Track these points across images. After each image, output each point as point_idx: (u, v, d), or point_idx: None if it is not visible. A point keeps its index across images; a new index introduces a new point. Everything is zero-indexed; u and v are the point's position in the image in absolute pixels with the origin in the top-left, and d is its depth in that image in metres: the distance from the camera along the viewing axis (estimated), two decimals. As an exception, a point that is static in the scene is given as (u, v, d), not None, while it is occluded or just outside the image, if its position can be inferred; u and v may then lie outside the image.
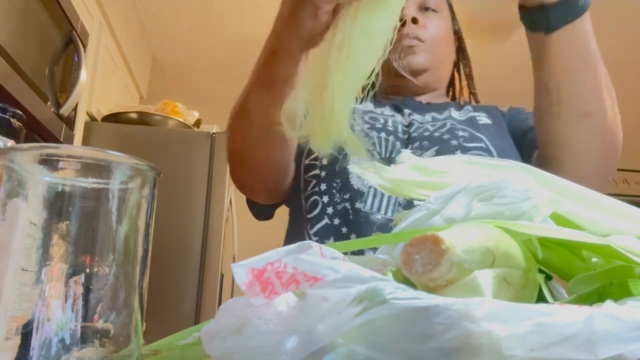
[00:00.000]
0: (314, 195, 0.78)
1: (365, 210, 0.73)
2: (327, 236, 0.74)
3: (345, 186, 0.75)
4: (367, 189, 0.74)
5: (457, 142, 0.77)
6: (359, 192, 0.74)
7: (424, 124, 0.82)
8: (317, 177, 0.78)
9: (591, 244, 0.30)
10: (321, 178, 0.78)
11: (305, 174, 0.81)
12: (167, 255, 2.04)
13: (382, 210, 0.73)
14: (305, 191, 0.79)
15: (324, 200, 0.76)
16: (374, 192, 0.74)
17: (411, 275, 0.24)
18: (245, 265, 0.25)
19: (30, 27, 1.46)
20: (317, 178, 0.78)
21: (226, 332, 0.25)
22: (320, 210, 0.76)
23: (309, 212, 0.78)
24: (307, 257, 0.25)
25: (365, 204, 0.73)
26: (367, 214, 0.73)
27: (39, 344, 0.29)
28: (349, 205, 0.74)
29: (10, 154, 0.32)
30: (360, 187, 0.75)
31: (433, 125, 0.81)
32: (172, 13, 2.87)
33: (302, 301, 0.22)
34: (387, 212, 0.73)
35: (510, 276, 0.27)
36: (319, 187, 0.77)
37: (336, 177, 0.76)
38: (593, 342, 0.20)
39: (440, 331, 0.20)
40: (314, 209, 0.77)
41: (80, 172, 0.33)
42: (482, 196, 0.34)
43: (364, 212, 0.73)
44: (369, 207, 0.73)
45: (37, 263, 0.31)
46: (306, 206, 0.79)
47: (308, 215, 0.77)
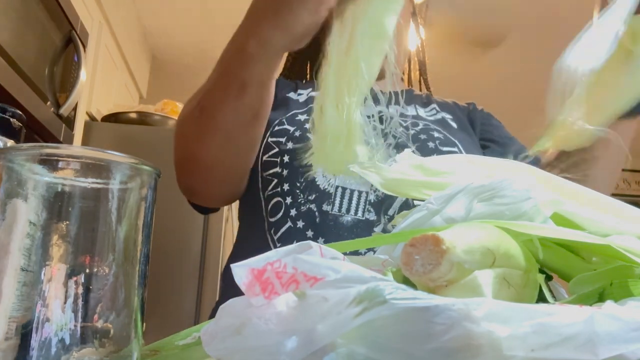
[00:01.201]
0: (276, 196, 0.72)
1: (333, 213, 0.68)
2: (290, 241, 0.69)
3: (310, 186, 0.70)
4: (333, 189, 0.70)
5: (433, 144, 0.73)
6: (326, 192, 0.69)
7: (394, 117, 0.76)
8: (279, 175, 0.73)
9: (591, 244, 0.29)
10: (283, 177, 0.72)
11: (264, 171, 0.74)
12: (167, 255, 2.04)
13: (351, 211, 0.68)
14: (266, 191, 0.74)
15: (287, 201, 0.71)
16: (341, 192, 0.69)
17: (411, 275, 0.24)
18: (245, 266, 0.25)
19: (30, 27, 1.46)
20: (278, 177, 0.73)
21: (226, 332, 0.25)
22: (284, 212, 0.71)
23: (271, 215, 0.72)
24: (307, 257, 0.25)
25: (333, 206, 0.69)
26: (335, 216, 0.68)
27: (39, 344, 0.29)
28: (315, 207, 0.69)
29: (10, 154, 0.32)
30: (327, 187, 0.70)
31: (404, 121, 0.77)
32: (172, 13, 2.87)
33: (302, 301, 0.22)
34: (357, 213, 0.68)
35: (511, 276, 0.27)
36: (282, 187, 0.72)
37: (299, 177, 0.71)
38: (594, 343, 0.20)
39: (441, 331, 0.20)
40: (277, 212, 0.71)
41: (80, 172, 0.33)
42: (482, 196, 0.34)
43: (333, 214, 0.68)
44: (337, 208, 0.69)
45: (37, 263, 0.31)
46: (267, 208, 0.73)
47: (271, 218, 0.72)
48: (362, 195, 0.69)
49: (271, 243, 0.70)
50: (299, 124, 0.75)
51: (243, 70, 0.60)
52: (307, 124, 0.74)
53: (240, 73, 0.60)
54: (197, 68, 3.41)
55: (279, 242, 0.70)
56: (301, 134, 0.73)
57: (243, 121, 0.65)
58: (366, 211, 0.68)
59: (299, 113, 0.77)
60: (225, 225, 2.19)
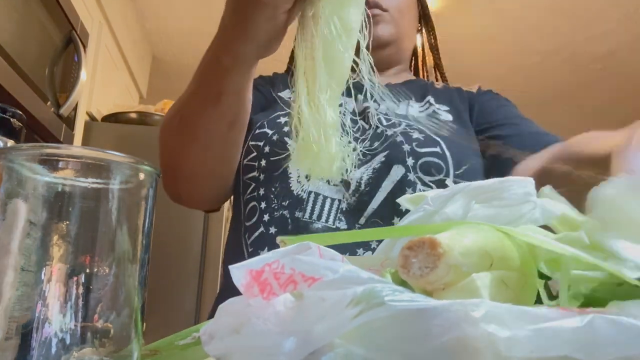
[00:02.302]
0: (252, 200, 0.72)
1: (304, 219, 0.68)
2: (261, 246, 0.68)
3: (284, 191, 0.70)
4: (306, 195, 0.69)
5: (409, 146, 0.70)
6: (299, 198, 0.69)
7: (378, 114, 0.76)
8: (256, 180, 0.72)
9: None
10: (260, 181, 0.72)
11: (244, 175, 0.74)
12: (167, 255, 2.04)
13: (322, 218, 0.68)
14: (244, 195, 0.74)
15: (262, 206, 0.70)
16: (313, 198, 0.68)
17: (408, 278, 0.24)
18: (243, 267, 0.26)
19: (30, 27, 1.46)
20: (255, 181, 0.72)
21: (225, 331, 0.25)
22: (258, 217, 0.70)
23: (247, 219, 0.72)
24: (306, 257, 0.25)
25: (304, 212, 0.68)
26: (306, 223, 0.67)
27: (39, 344, 0.29)
28: (288, 214, 0.68)
29: (10, 154, 0.33)
30: (300, 193, 0.69)
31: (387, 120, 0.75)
32: (172, 13, 2.87)
33: (300, 302, 0.23)
34: (328, 221, 0.67)
35: (509, 278, 0.27)
36: (258, 192, 0.71)
37: (275, 182, 0.70)
38: (593, 346, 0.20)
39: (439, 332, 0.20)
40: (252, 216, 0.71)
41: (80, 172, 0.33)
42: (481, 198, 0.34)
43: (304, 221, 0.67)
44: (308, 215, 0.68)
45: (37, 263, 0.31)
46: (245, 212, 0.73)
47: (247, 222, 0.72)
48: (335, 202, 0.68)
49: (244, 247, 0.70)
50: (278, 127, 0.74)
51: (219, 81, 0.61)
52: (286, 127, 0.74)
53: (217, 84, 0.61)
54: (197, 68, 3.42)
55: (250, 247, 0.69)
56: (278, 137, 0.73)
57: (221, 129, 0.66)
58: (337, 219, 0.68)
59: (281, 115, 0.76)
60: (225, 225, 2.19)
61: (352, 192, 0.69)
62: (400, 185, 0.68)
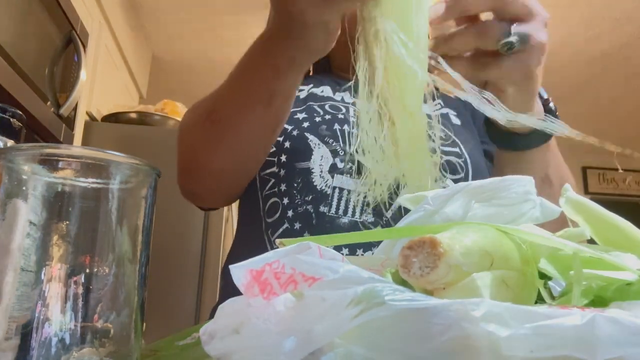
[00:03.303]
0: (273, 196, 0.72)
1: (330, 214, 0.67)
2: None
3: (306, 187, 0.69)
4: (331, 190, 0.69)
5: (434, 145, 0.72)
6: (323, 193, 0.69)
7: None
8: (276, 175, 0.72)
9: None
10: (280, 177, 0.71)
11: (262, 170, 0.74)
12: (167, 255, 2.04)
13: (348, 212, 0.67)
14: (263, 191, 0.73)
15: (284, 202, 0.70)
16: (338, 192, 0.68)
17: (409, 278, 0.24)
18: (243, 266, 0.26)
19: (30, 27, 1.46)
20: (275, 177, 0.72)
21: (225, 331, 0.25)
22: (281, 213, 0.70)
23: (269, 215, 0.71)
24: (306, 257, 0.25)
25: (330, 207, 0.68)
26: (332, 218, 0.67)
27: (39, 344, 0.29)
28: (312, 209, 0.68)
29: (10, 154, 0.33)
30: (324, 187, 0.69)
31: None
32: (172, 13, 2.87)
33: (300, 302, 0.23)
34: (355, 215, 0.67)
35: (509, 278, 0.27)
36: (279, 188, 0.71)
37: (297, 177, 0.70)
38: (593, 345, 0.20)
39: (439, 332, 0.20)
40: (274, 213, 0.71)
41: (80, 172, 0.33)
42: (481, 197, 0.34)
43: (329, 216, 0.67)
44: (334, 210, 0.68)
45: (37, 263, 0.31)
46: (265, 208, 0.72)
47: (268, 219, 0.71)
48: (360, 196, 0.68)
49: (268, 244, 0.70)
50: (296, 123, 0.74)
51: (272, 83, 0.60)
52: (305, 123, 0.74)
53: (269, 85, 0.61)
54: (197, 68, 3.42)
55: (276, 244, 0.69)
56: (299, 132, 0.73)
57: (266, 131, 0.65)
58: (364, 213, 0.68)
59: (297, 111, 0.76)
60: (225, 225, 2.19)
61: None
62: None
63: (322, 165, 0.70)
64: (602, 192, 4.52)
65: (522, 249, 0.30)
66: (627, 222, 0.34)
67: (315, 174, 0.70)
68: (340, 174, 0.70)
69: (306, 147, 0.71)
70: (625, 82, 3.30)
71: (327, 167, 0.70)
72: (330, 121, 0.74)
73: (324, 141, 0.72)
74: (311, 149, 0.71)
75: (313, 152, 0.71)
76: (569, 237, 0.33)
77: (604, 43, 2.90)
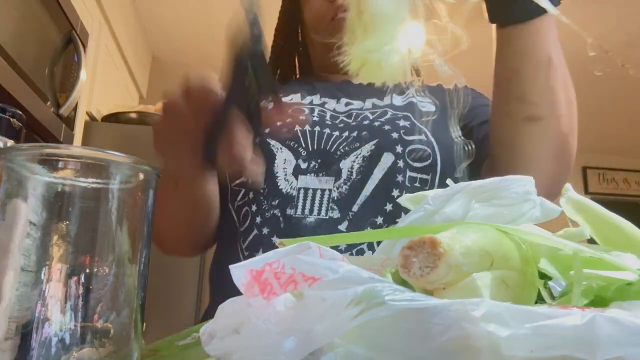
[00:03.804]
0: (244, 205, 0.73)
1: (296, 216, 0.68)
2: (256, 249, 0.68)
3: (272, 191, 0.70)
4: (296, 191, 0.69)
5: (397, 134, 0.71)
6: (289, 196, 0.69)
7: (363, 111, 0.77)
8: (244, 184, 0.73)
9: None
10: (248, 185, 0.72)
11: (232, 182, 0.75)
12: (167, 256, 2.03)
13: (314, 211, 0.68)
14: (235, 202, 0.75)
15: (253, 209, 0.71)
16: (304, 193, 0.69)
17: (409, 278, 0.24)
18: (243, 267, 0.26)
19: (30, 27, 1.46)
20: (244, 186, 0.73)
21: (225, 331, 0.25)
22: (250, 221, 0.70)
23: (241, 224, 0.72)
24: (306, 257, 0.25)
25: (296, 209, 0.68)
26: (298, 219, 0.67)
27: (39, 344, 0.29)
28: (279, 212, 0.68)
29: (10, 154, 0.32)
30: (289, 190, 0.69)
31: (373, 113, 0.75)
32: (172, 13, 2.87)
33: (300, 302, 0.23)
34: (321, 213, 0.68)
35: (509, 278, 0.27)
36: (248, 196, 0.72)
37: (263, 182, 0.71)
38: (593, 345, 0.20)
39: (439, 332, 0.20)
40: (245, 221, 0.71)
41: (80, 172, 0.33)
42: (481, 197, 0.34)
43: (296, 217, 0.68)
44: (300, 211, 0.68)
45: (37, 263, 0.31)
46: (239, 219, 0.73)
47: (241, 228, 0.72)
48: (325, 193, 0.69)
49: (240, 253, 0.70)
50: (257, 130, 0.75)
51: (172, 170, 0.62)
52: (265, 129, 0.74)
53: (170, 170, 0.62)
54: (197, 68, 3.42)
55: (246, 251, 0.70)
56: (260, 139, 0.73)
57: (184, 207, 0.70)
58: (329, 209, 0.68)
59: None
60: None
61: (343, 180, 0.69)
62: (390, 172, 0.69)
63: (285, 169, 0.71)
64: (602, 192, 4.52)
65: (522, 249, 0.30)
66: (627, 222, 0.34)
67: (280, 177, 0.71)
68: (303, 175, 0.70)
69: (269, 152, 0.72)
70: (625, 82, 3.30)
71: (291, 169, 0.71)
72: (291, 124, 0.74)
73: (285, 144, 0.73)
74: (274, 153, 0.72)
75: (276, 156, 0.72)
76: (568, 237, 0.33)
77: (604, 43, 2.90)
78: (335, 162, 0.70)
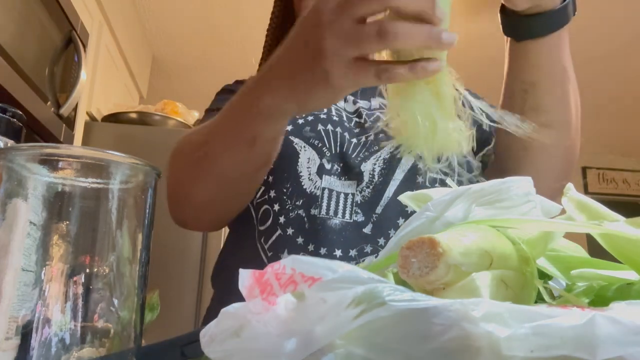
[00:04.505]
0: (264, 204, 0.71)
1: (321, 216, 0.67)
2: (281, 249, 0.68)
3: (296, 191, 0.69)
4: (320, 191, 0.69)
5: None
6: (313, 196, 0.68)
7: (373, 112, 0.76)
8: (265, 182, 0.72)
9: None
10: (269, 184, 0.71)
11: None
12: (167, 256, 2.04)
13: (339, 213, 0.68)
14: (254, 199, 0.73)
15: (275, 209, 0.70)
16: (328, 194, 0.68)
17: (408, 278, 0.24)
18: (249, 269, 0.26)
19: (30, 27, 1.46)
20: (264, 184, 0.72)
21: (225, 334, 0.25)
22: (273, 220, 0.69)
23: (261, 223, 0.71)
24: (305, 257, 0.25)
25: (320, 209, 0.68)
26: (323, 220, 0.67)
27: (39, 344, 0.29)
28: (303, 212, 0.68)
29: (10, 154, 0.32)
30: (313, 190, 0.69)
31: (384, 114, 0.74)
32: (172, 13, 2.87)
33: (301, 303, 0.23)
34: (345, 216, 0.68)
35: (509, 278, 0.27)
36: (269, 195, 0.71)
37: (285, 182, 0.70)
38: (593, 345, 0.20)
39: (439, 332, 0.20)
40: (266, 220, 0.70)
41: (80, 172, 0.33)
42: (482, 200, 0.34)
43: (320, 217, 0.67)
44: (324, 211, 0.67)
45: (37, 263, 0.31)
46: (257, 216, 0.72)
47: (261, 227, 0.71)
48: (349, 197, 0.69)
49: (262, 252, 0.69)
50: None
51: (254, 126, 0.58)
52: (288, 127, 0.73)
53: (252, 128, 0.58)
54: (197, 68, 3.42)
55: (270, 251, 0.68)
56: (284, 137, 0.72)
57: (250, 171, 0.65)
58: (354, 213, 0.68)
59: None
60: (225, 225, 2.19)
61: (366, 184, 0.69)
62: (411, 174, 0.70)
63: (309, 168, 0.71)
64: (602, 192, 4.52)
65: (521, 248, 0.30)
66: None
67: (304, 177, 0.70)
68: (328, 175, 0.70)
69: (292, 151, 0.71)
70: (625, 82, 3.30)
71: (315, 169, 0.70)
72: (313, 122, 0.73)
73: (309, 143, 0.72)
74: (297, 152, 0.71)
75: (299, 155, 0.71)
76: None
77: (605, 44, 2.90)
78: (356, 166, 0.70)
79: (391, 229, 0.67)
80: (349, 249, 0.66)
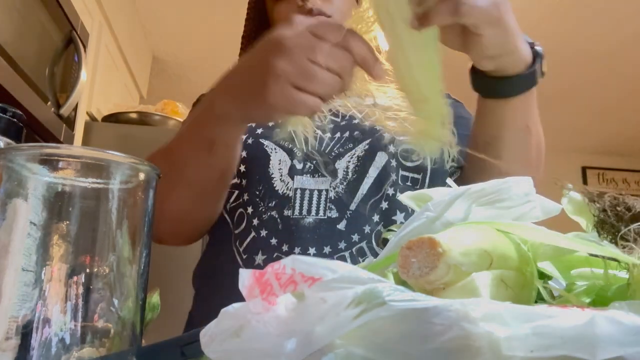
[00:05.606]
0: (239, 207, 0.72)
1: (294, 217, 0.68)
2: (255, 251, 0.68)
3: (269, 193, 0.70)
4: (292, 192, 0.69)
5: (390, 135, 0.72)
6: (286, 197, 0.69)
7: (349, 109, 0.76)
8: (238, 186, 0.73)
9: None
10: (242, 187, 0.72)
11: None
12: (167, 256, 2.04)
13: (312, 211, 0.68)
14: (228, 204, 0.74)
15: (249, 211, 0.70)
16: (300, 194, 0.69)
17: (408, 278, 0.24)
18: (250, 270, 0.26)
19: (30, 27, 1.46)
20: (237, 188, 0.73)
21: (225, 334, 0.25)
22: (246, 223, 0.70)
23: (236, 226, 0.72)
24: (305, 257, 0.25)
25: (293, 210, 0.68)
26: (297, 220, 0.67)
27: (39, 344, 0.29)
28: (276, 214, 0.68)
29: (10, 154, 0.33)
30: (285, 191, 0.69)
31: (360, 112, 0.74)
32: (172, 13, 2.87)
33: (301, 303, 0.23)
34: (319, 213, 0.68)
35: (508, 278, 0.27)
36: (243, 198, 0.72)
37: (258, 185, 0.71)
38: (593, 345, 0.20)
39: (439, 332, 0.20)
40: (241, 223, 0.71)
41: (80, 172, 0.33)
42: (482, 200, 0.34)
43: (294, 218, 0.67)
44: (297, 212, 0.68)
45: (37, 263, 0.31)
46: (233, 220, 0.73)
47: (236, 230, 0.71)
48: (322, 193, 0.69)
49: (237, 255, 0.69)
50: (250, 131, 0.74)
51: (211, 130, 0.59)
52: (258, 130, 0.74)
53: (209, 131, 0.60)
54: (197, 68, 3.42)
55: (244, 254, 0.69)
56: (254, 140, 0.73)
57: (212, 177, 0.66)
58: (327, 209, 0.68)
59: None
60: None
61: (339, 180, 0.70)
62: (384, 171, 0.70)
63: (281, 170, 0.71)
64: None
65: (521, 248, 0.30)
66: None
67: (276, 178, 0.70)
68: (299, 175, 0.70)
69: (263, 153, 0.72)
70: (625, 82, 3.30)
71: (286, 170, 0.71)
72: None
73: (279, 145, 0.72)
74: (268, 154, 0.72)
75: (270, 157, 0.71)
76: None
77: (604, 43, 2.90)
78: (330, 163, 0.70)
79: (366, 225, 0.67)
80: (323, 246, 0.66)
